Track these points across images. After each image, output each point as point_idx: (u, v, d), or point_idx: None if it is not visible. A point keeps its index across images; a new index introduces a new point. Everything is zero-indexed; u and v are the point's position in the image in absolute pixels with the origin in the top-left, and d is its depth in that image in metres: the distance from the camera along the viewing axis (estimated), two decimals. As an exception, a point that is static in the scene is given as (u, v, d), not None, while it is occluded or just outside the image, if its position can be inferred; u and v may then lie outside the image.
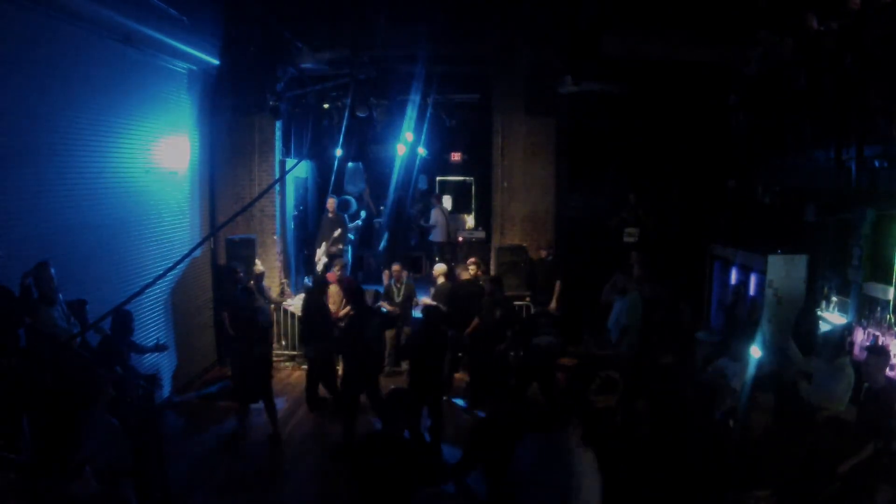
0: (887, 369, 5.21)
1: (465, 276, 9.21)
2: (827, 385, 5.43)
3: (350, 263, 11.53)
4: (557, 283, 9.57)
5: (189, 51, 8.71)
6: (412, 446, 4.51)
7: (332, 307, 9.48)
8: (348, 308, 9.38)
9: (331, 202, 11.30)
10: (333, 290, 9.46)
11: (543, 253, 10.11)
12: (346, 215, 11.72)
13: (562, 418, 3.68)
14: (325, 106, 11.40)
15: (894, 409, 4.70)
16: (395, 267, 9.55)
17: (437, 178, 15.23)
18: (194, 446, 7.23)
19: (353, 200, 12.75)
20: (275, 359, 10.03)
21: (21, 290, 5.42)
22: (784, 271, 7.34)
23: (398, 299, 9.34)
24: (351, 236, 11.66)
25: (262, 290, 9.60)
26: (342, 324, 8.21)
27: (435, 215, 12.67)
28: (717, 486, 3.83)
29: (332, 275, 9.57)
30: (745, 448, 4.62)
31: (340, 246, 10.99)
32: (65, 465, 3.91)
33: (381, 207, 13.67)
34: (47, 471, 3.87)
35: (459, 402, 8.61)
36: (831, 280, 7.08)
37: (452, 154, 15.01)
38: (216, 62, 9.47)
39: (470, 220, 14.95)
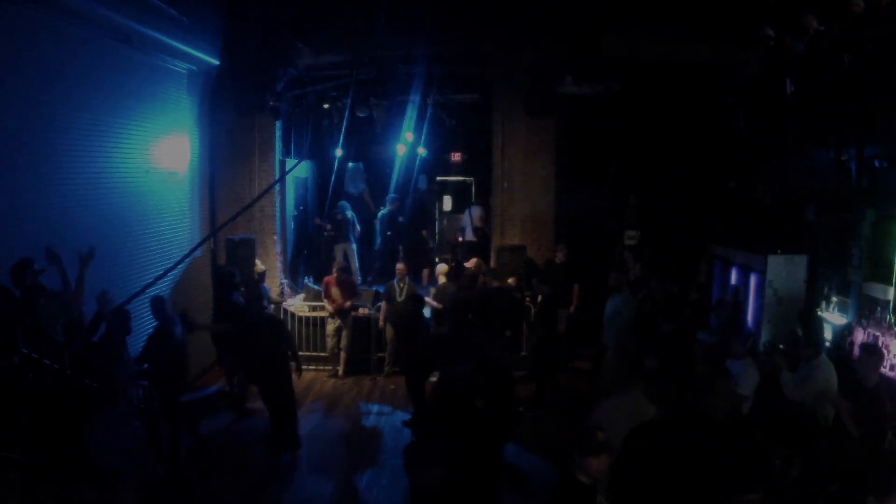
0: (881, 369, 5.21)
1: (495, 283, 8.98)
2: (806, 381, 5.41)
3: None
4: (576, 287, 9.44)
5: (189, 51, 8.72)
6: None
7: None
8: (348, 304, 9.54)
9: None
10: (335, 292, 9.52)
11: (559, 256, 9.70)
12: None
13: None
14: (326, 106, 11.39)
15: (885, 408, 4.71)
16: (399, 266, 9.55)
17: (437, 178, 15.22)
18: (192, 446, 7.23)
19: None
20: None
21: (21, 290, 5.42)
22: (784, 271, 7.35)
23: (400, 299, 9.34)
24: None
25: (262, 291, 9.61)
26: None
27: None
28: (709, 489, 3.83)
29: (331, 277, 9.62)
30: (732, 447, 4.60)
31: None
32: (67, 466, 3.91)
33: (381, 207, 13.65)
34: (49, 471, 3.87)
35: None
36: (831, 280, 7.08)
37: (452, 154, 14.99)
38: (216, 62, 9.48)
39: (470, 221, 14.93)
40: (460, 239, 12.96)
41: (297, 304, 10.31)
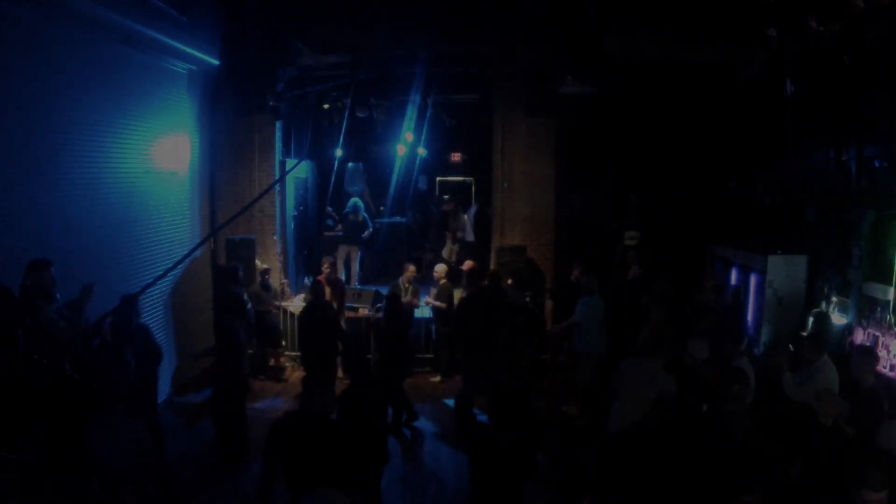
0: (878, 369, 5.21)
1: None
2: (808, 382, 5.40)
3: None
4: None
5: (189, 51, 8.71)
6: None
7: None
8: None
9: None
10: (326, 290, 9.53)
11: (575, 273, 9.15)
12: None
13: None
14: (326, 106, 11.40)
15: (883, 408, 4.71)
16: (411, 267, 9.54)
17: (437, 179, 15.23)
18: (192, 446, 7.23)
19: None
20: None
21: (21, 290, 5.41)
22: (784, 271, 7.36)
23: (405, 298, 9.34)
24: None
25: (268, 288, 9.62)
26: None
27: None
28: (707, 490, 3.82)
29: (323, 276, 9.62)
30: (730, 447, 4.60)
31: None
32: (67, 466, 3.91)
33: (381, 207, 13.67)
34: (49, 471, 3.87)
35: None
36: (831, 280, 7.08)
37: (452, 154, 15.02)
38: (216, 62, 9.47)
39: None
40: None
41: (297, 305, 10.30)
